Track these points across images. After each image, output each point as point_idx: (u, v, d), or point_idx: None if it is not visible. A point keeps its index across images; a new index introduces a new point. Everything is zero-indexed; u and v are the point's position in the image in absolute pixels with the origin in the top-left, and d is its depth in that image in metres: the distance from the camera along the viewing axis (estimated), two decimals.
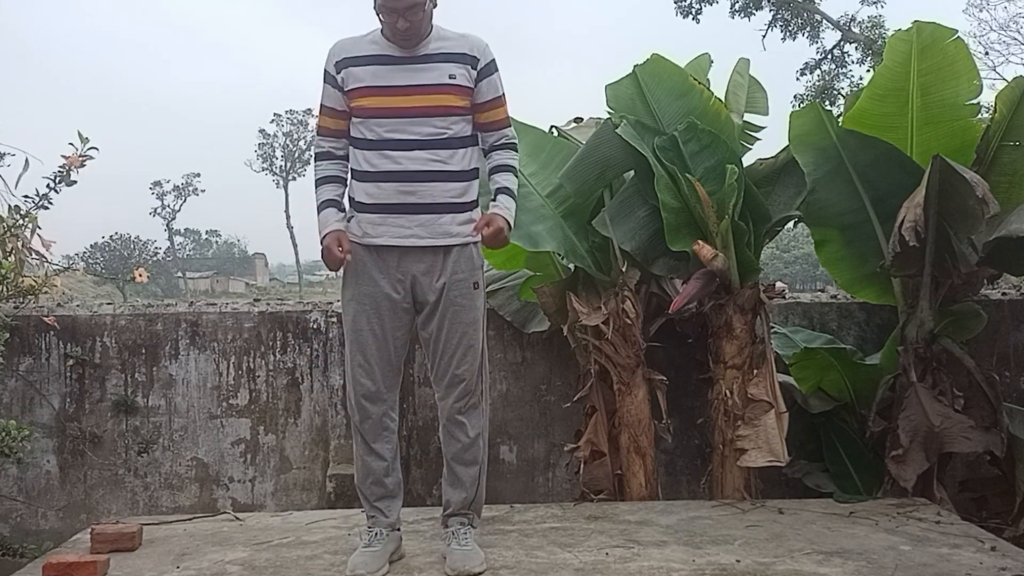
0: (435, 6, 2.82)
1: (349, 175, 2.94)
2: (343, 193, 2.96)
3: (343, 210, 2.94)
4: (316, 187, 2.96)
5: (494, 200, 2.93)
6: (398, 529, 2.95)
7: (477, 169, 2.94)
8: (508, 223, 2.89)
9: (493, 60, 2.91)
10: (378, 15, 2.78)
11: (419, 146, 2.81)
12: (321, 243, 2.88)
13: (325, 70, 2.89)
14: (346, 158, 2.95)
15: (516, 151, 3.02)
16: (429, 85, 2.81)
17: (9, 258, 3.98)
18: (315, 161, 2.98)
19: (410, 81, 2.81)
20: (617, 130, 3.67)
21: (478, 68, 2.86)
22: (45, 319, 4.19)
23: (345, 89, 2.85)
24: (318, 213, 2.92)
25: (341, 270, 2.91)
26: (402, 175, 2.81)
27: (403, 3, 2.69)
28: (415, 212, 2.82)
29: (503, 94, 2.95)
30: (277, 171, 62.17)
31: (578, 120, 4.42)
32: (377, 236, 2.85)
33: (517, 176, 3.00)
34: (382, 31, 2.86)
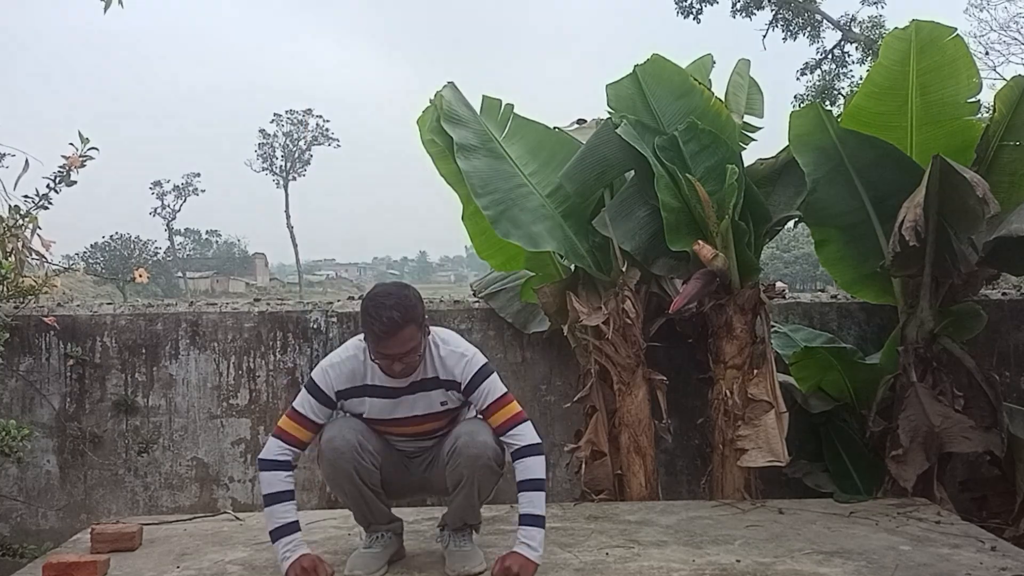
0: (427, 334, 2.74)
1: None
2: (296, 540, 2.73)
3: (301, 533, 2.75)
4: (269, 503, 2.70)
5: (518, 531, 2.71)
6: (399, 532, 2.94)
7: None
8: (533, 562, 2.65)
9: (477, 372, 2.78)
10: (372, 358, 2.69)
11: (413, 438, 2.92)
12: (284, 561, 2.66)
13: (319, 387, 2.76)
14: (296, 456, 2.80)
15: (540, 453, 2.77)
16: (422, 416, 2.83)
17: (9, 258, 3.99)
18: (266, 470, 2.71)
19: (405, 413, 2.82)
20: (617, 130, 3.68)
21: (463, 389, 2.80)
22: (45, 319, 4.19)
23: (338, 407, 2.83)
24: (274, 540, 2.70)
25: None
26: (399, 444, 2.93)
27: (396, 350, 2.63)
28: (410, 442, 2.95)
29: (505, 392, 2.82)
30: (277, 171, 62.20)
31: (581, 121, 4.43)
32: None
33: (544, 489, 2.75)
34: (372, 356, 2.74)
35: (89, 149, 3.93)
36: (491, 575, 2.67)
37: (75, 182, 3.96)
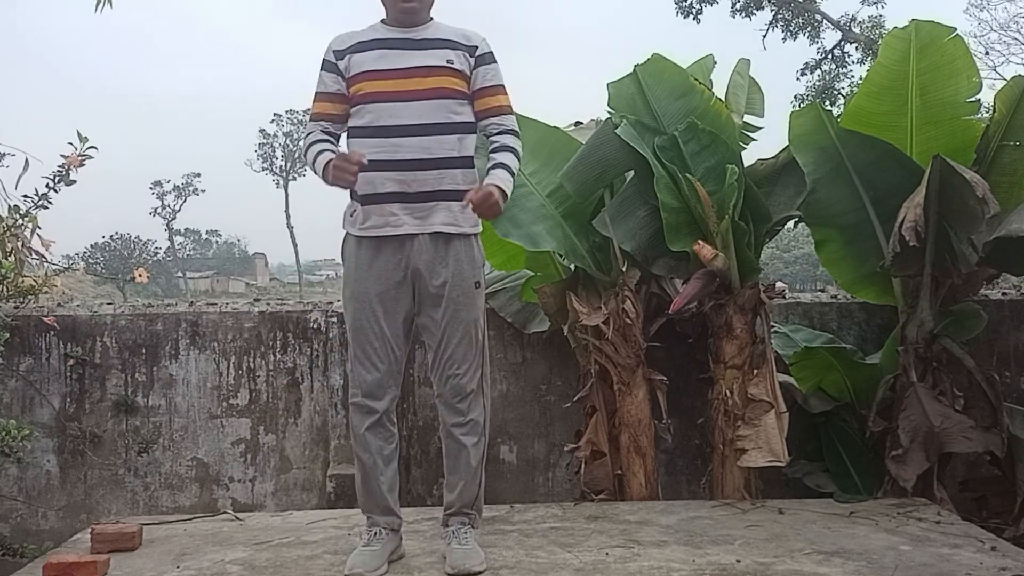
0: None
1: None
2: (336, 151, 2.91)
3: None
4: (306, 149, 2.90)
5: (488, 174, 2.87)
6: (398, 529, 2.95)
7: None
8: (501, 191, 2.79)
9: (491, 52, 2.92)
10: None
11: (417, 132, 2.79)
12: (326, 174, 2.77)
13: (324, 59, 2.90)
14: (337, 139, 2.95)
15: (518, 136, 2.96)
16: (427, 67, 2.82)
17: (9, 258, 3.99)
18: (305, 138, 2.95)
19: (409, 64, 2.81)
20: (617, 130, 3.68)
21: (475, 55, 2.88)
22: (45, 319, 4.19)
23: (348, 75, 2.86)
24: (312, 162, 2.86)
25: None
26: (401, 163, 2.79)
27: None
28: (412, 201, 2.80)
29: (503, 85, 2.94)
30: (277, 171, 62.13)
31: (577, 124, 4.44)
32: (378, 227, 2.83)
33: (518, 158, 2.94)
34: (383, 19, 2.90)
35: (88, 148, 3.93)
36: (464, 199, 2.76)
37: (75, 181, 3.95)
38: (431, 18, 2.91)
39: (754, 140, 4.23)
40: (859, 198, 3.86)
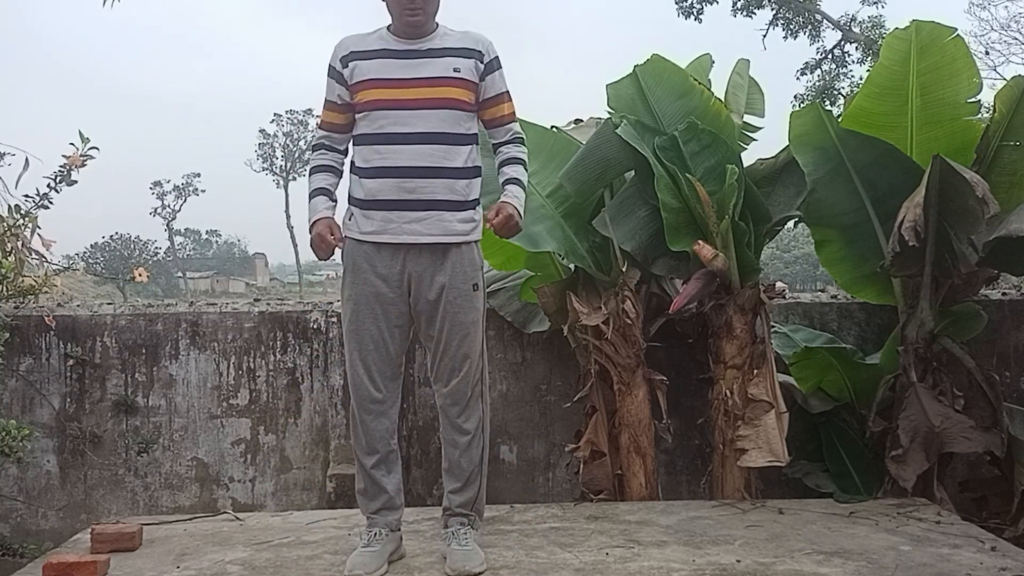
0: None
1: (348, 169, 2.93)
2: (336, 184, 2.98)
3: (334, 200, 2.95)
4: (310, 175, 2.97)
5: (504, 191, 2.93)
6: (398, 529, 2.95)
7: (480, 168, 2.93)
8: (518, 211, 2.87)
9: (497, 57, 2.93)
10: None
11: (421, 140, 2.79)
12: (311, 231, 2.86)
13: (330, 65, 2.91)
14: (344, 152, 2.97)
15: (524, 145, 3.02)
16: (433, 78, 2.81)
17: (9, 258, 3.98)
18: (312, 152, 3.00)
19: (414, 74, 2.81)
20: (617, 130, 3.68)
21: (484, 62, 2.88)
22: (45, 319, 4.18)
23: (351, 83, 2.85)
24: (309, 201, 2.93)
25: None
26: (403, 171, 2.79)
27: None
28: (415, 209, 2.80)
29: (508, 91, 2.96)
30: (277, 171, 62.16)
31: (578, 121, 4.43)
32: (376, 233, 2.83)
33: (527, 169, 3.00)
34: (388, 27, 2.89)
35: (90, 148, 3.92)
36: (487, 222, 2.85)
37: (75, 181, 3.94)
38: (436, 25, 2.90)
39: (755, 140, 4.23)
40: (859, 198, 3.86)
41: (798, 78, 20.19)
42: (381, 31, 2.91)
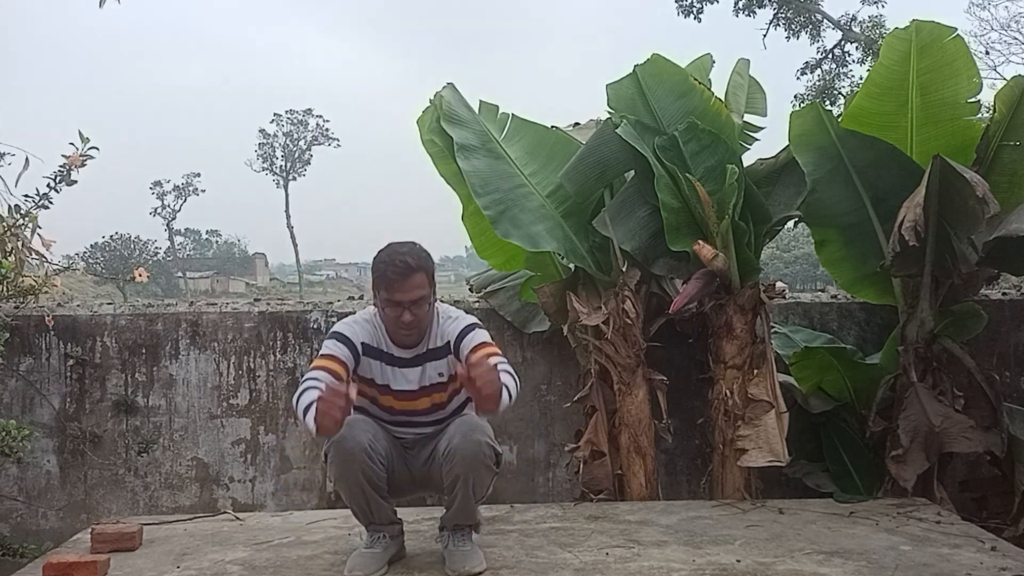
0: (436, 300, 2.87)
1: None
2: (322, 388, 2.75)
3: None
4: (300, 395, 2.66)
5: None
6: (400, 535, 2.94)
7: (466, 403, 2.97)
8: (500, 380, 2.54)
9: (466, 326, 2.84)
10: (383, 310, 2.79)
11: (413, 424, 2.96)
12: (309, 409, 2.55)
13: (343, 333, 2.83)
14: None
15: (511, 391, 2.65)
16: (423, 388, 2.90)
17: (9, 258, 3.98)
18: (304, 381, 2.71)
19: (407, 386, 2.89)
20: (617, 130, 3.68)
21: (453, 346, 2.85)
22: (44, 319, 4.18)
23: (355, 365, 2.85)
24: (296, 404, 2.65)
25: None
26: (396, 435, 2.95)
27: (408, 296, 2.71)
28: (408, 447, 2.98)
29: (490, 341, 2.84)
30: (277, 171, 62.19)
31: (576, 125, 4.44)
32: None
33: (516, 382, 2.70)
34: (386, 329, 2.87)
35: (90, 148, 3.92)
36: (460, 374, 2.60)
37: (75, 181, 3.94)
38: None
39: (757, 140, 4.23)
40: (859, 198, 3.86)
41: (798, 78, 20.23)
42: (377, 327, 2.87)
